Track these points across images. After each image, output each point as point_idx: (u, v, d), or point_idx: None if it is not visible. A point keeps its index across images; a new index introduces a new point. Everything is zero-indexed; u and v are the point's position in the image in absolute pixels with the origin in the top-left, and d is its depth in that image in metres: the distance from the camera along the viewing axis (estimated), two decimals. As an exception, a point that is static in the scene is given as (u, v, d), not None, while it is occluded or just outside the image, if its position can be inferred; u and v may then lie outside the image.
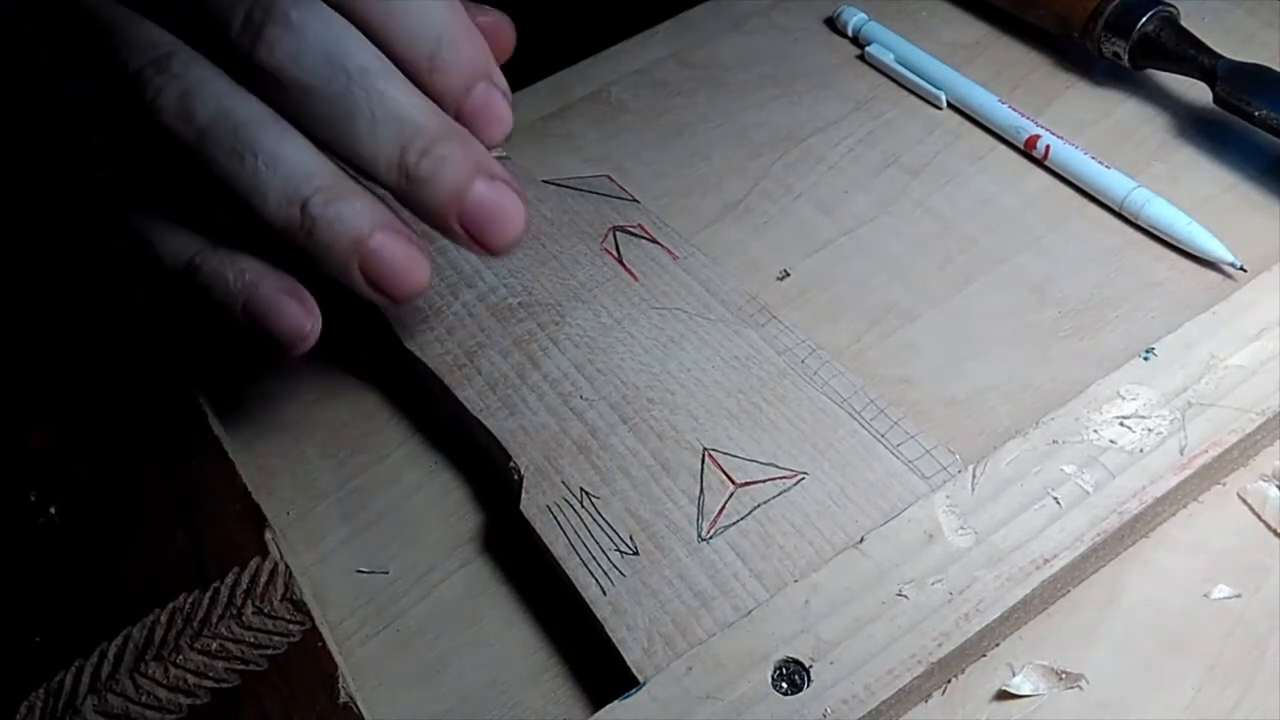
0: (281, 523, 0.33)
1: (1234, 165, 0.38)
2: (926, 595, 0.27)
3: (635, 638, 0.27)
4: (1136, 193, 0.36)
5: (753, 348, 0.34)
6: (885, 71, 0.44)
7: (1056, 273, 0.36)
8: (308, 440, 0.36)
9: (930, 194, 0.40)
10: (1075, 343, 0.34)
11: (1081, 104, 0.42)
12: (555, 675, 0.29)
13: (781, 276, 0.38)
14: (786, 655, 0.26)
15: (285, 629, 0.30)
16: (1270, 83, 0.37)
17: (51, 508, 0.34)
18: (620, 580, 0.29)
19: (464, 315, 0.36)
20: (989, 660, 0.28)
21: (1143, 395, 0.30)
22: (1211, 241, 0.35)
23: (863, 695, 0.25)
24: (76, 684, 0.29)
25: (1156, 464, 0.28)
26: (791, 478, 0.30)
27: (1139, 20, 0.39)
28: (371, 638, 0.31)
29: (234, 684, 0.29)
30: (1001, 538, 0.28)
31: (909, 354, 0.35)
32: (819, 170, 0.41)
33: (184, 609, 0.31)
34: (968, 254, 0.37)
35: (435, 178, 0.27)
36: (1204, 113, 0.40)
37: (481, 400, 0.33)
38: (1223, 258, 0.34)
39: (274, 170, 0.26)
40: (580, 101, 0.46)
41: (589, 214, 0.39)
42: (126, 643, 0.30)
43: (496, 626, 0.30)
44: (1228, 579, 0.28)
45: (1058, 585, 0.28)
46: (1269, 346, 0.30)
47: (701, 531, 0.29)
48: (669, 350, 0.34)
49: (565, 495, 0.31)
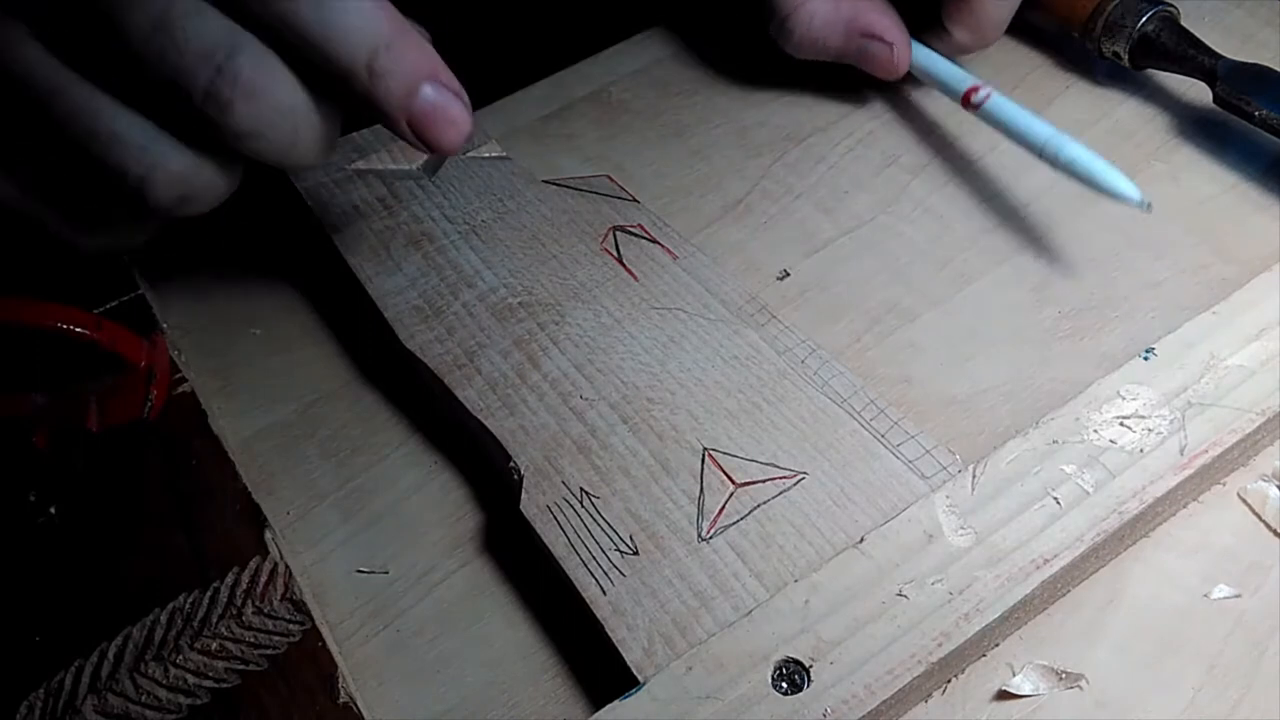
0: (281, 523, 0.33)
1: (1234, 165, 0.38)
2: (926, 595, 0.27)
3: (635, 638, 0.27)
4: (1056, 138, 0.36)
5: (753, 348, 0.34)
6: None
7: (1056, 273, 0.36)
8: (308, 440, 0.36)
9: (930, 194, 0.40)
10: (1075, 343, 0.34)
11: (1081, 104, 0.42)
12: (555, 675, 0.29)
13: (781, 276, 0.38)
14: (786, 655, 0.26)
15: (285, 629, 0.30)
16: (1270, 83, 0.37)
17: (51, 508, 0.34)
18: (620, 580, 0.29)
19: (464, 315, 0.36)
20: (989, 660, 0.28)
21: (1143, 395, 0.30)
22: (1122, 181, 0.34)
23: (863, 695, 0.25)
24: (76, 684, 0.29)
25: (1156, 464, 0.28)
26: (791, 478, 0.30)
27: (1139, 20, 0.39)
28: (371, 638, 0.31)
29: (234, 684, 0.29)
30: (1001, 538, 0.28)
31: (909, 354, 0.35)
32: (819, 170, 0.41)
33: (184, 609, 0.31)
34: (968, 254, 0.37)
35: (386, 80, 0.28)
36: (1204, 113, 0.40)
37: (481, 400, 0.33)
38: (1131, 197, 0.34)
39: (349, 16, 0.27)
40: (580, 101, 0.46)
41: (589, 214, 0.39)
42: (126, 643, 0.30)
43: (496, 626, 0.30)
44: (1228, 579, 0.28)
45: (1058, 585, 0.28)
46: (1269, 346, 0.30)
47: (701, 531, 0.29)
48: (669, 350, 0.34)
49: (565, 495, 0.31)
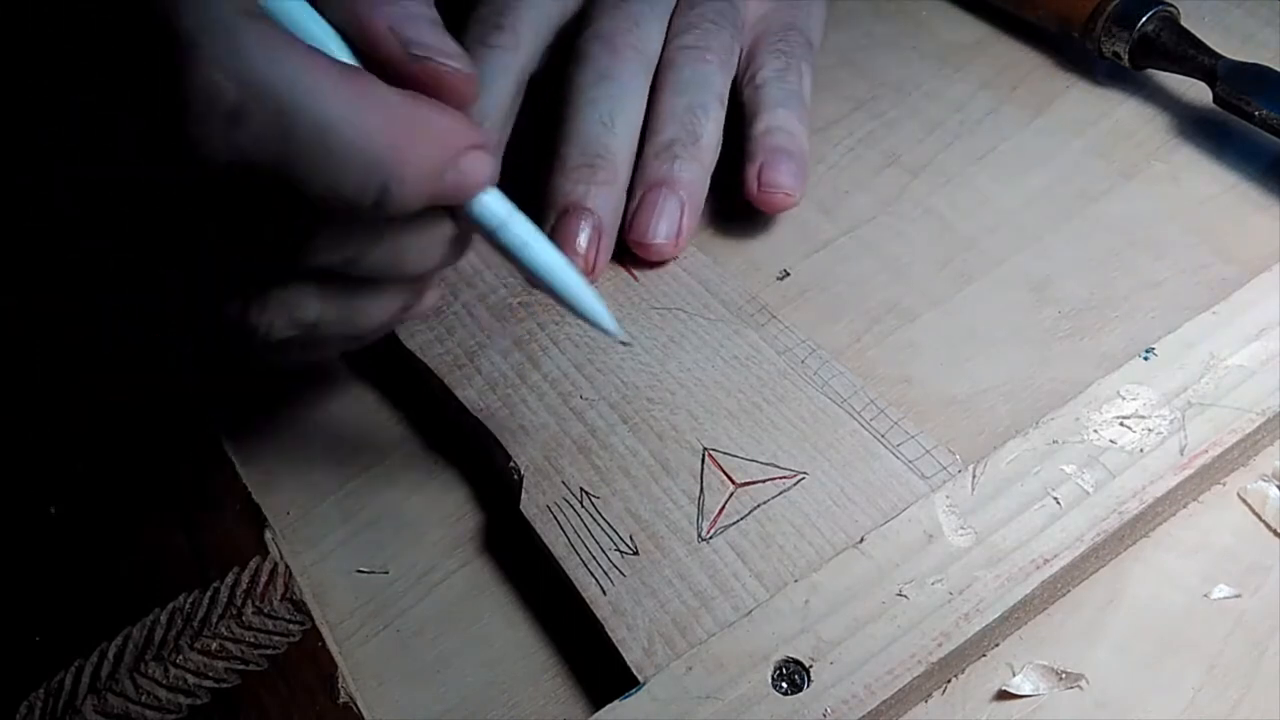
0: (281, 523, 0.33)
1: (1234, 165, 0.38)
2: (926, 595, 0.27)
3: (635, 638, 0.27)
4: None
5: (753, 347, 0.34)
6: None
7: (1056, 273, 0.36)
8: (308, 440, 0.36)
9: (930, 194, 0.40)
10: (1075, 343, 0.34)
11: (1081, 104, 0.42)
12: (555, 675, 0.29)
13: (781, 276, 0.38)
14: (786, 655, 0.26)
15: (285, 629, 0.30)
16: (1270, 83, 0.37)
17: (52, 508, 0.34)
18: (620, 580, 0.29)
19: (464, 315, 0.36)
20: (989, 660, 0.28)
21: (1143, 395, 0.30)
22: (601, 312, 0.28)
23: (863, 695, 0.25)
24: (76, 684, 0.29)
25: (1156, 464, 0.28)
26: (791, 478, 0.30)
27: (1139, 20, 0.39)
28: (371, 638, 0.31)
29: (234, 684, 0.29)
30: (1001, 538, 0.28)
31: (909, 354, 0.35)
32: (819, 170, 0.41)
33: (184, 609, 0.31)
34: (968, 254, 0.37)
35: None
36: (1204, 113, 0.40)
37: (481, 400, 0.33)
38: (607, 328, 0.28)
39: None
40: (580, 101, 0.46)
41: (589, 214, 0.39)
42: (126, 643, 0.30)
43: (496, 626, 0.30)
44: (1228, 579, 0.28)
45: (1058, 585, 0.28)
46: (1269, 346, 0.30)
47: (701, 531, 0.29)
48: (669, 350, 0.34)
49: (565, 495, 0.31)
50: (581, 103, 0.37)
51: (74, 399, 0.38)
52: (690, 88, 0.38)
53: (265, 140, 0.22)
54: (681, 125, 0.37)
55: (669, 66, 0.38)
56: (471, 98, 0.26)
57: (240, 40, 0.22)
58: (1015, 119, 0.42)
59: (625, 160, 0.37)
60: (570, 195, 0.36)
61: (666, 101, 0.38)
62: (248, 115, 0.22)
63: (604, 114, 0.36)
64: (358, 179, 0.23)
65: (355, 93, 0.23)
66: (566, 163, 0.36)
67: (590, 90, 0.37)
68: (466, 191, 0.26)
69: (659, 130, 0.37)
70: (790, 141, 0.38)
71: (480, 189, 0.26)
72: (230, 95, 0.22)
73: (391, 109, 0.24)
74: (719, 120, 0.38)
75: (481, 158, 0.26)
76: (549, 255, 0.27)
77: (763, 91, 0.39)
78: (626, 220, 0.37)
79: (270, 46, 0.23)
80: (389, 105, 0.24)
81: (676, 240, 0.36)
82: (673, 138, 0.37)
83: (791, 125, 0.38)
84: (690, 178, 0.37)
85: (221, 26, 0.22)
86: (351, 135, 0.23)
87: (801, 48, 0.41)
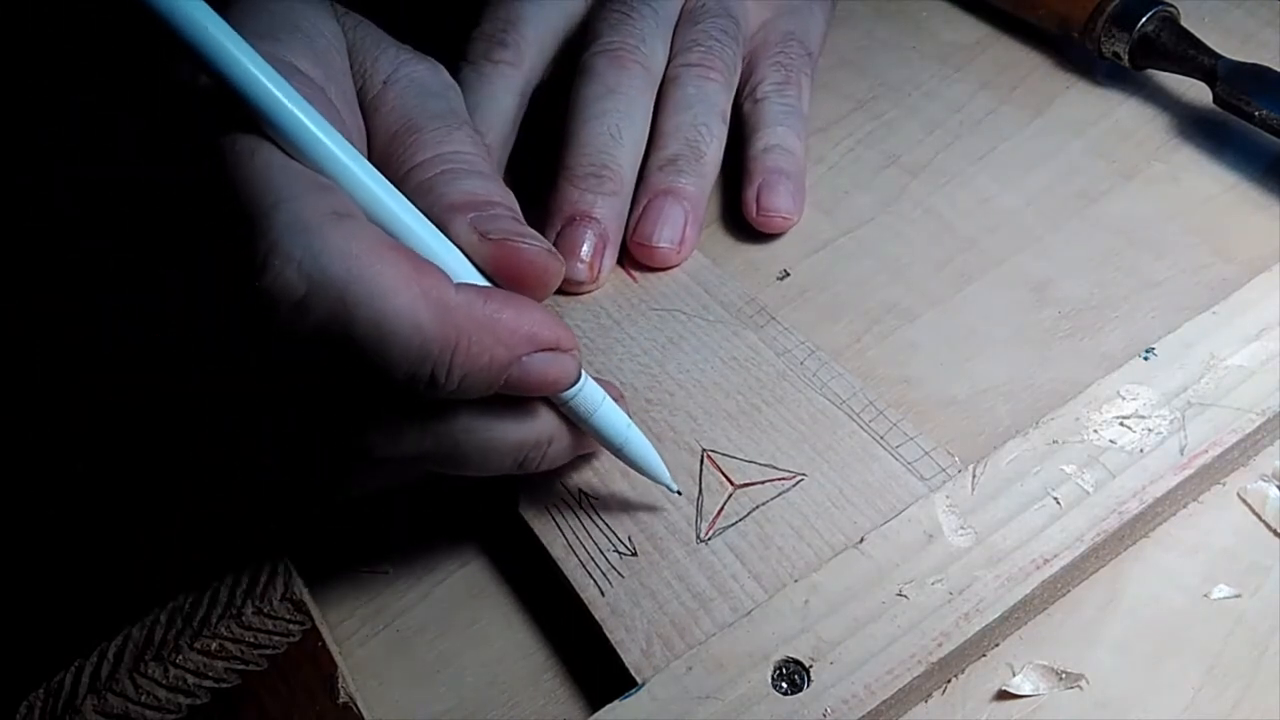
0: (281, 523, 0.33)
1: (1234, 165, 0.38)
2: (926, 595, 0.27)
3: (634, 639, 0.27)
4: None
5: (751, 349, 0.34)
6: None
7: (1056, 273, 0.36)
8: (308, 440, 0.36)
9: (930, 194, 0.40)
10: (1075, 343, 0.34)
11: (1081, 104, 0.42)
12: (555, 675, 0.29)
13: (781, 276, 0.38)
14: (786, 655, 0.26)
15: (285, 629, 0.30)
16: (1270, 83, 0.37)
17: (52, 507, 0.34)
18: (619, 581, 0.29)
19: (464, 315, 0.36)
20: (989, 660, 0.28)
21: (1143, 395, 0.30)
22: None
23: (863, 695, 0.25)
24: (76, 684, 0.29)
25: (1156, 464, 0.28)
26: (790, 479, 0.30)
27: (1139, 20, 0.39)
28: (371, 638, 0.31)
29: (234, 684, 0.29)
30: (1001, 538, 0.28)
31: (909, 354, 0.35)
32: (819, 170, 0.41)
33: (184, 609, 0.31)
34: (968, 254, 0.37)
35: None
36: (1204, 113, 0.40)
37: (481, 400, 0.33)
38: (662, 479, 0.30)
39: None
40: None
41: (589, 214, 0.39)
42: (126, 643, 0.30)
43: (496, 626, 0.30)
44: (1228, 579, 0.28)
45: (1058, 585, 0.28)
46: (1269, 346, 0.30)
47: (700, 533, 0.29)
48: (668, 351, 0.34)
49: (564, 496, 0.31)
50: (589, 115, 0.37)
51: (74, 399, 0.38)
52: (694, 105, 0.38)
53: (330, 327, 0.24)
54: (685, 142, 0.38)
55: (674, 83, 0.39)
56: (554, 275, 0.27)
57: (321, 245, 0.23)
58: (1015, 119, 0.42)
59: (630, 173, 0.37)
60: (577, 204, 0.36)
61: (671, 118, 0.38)
62: (311, 308, 0.23)
63: (611, 127, 0.37)
64: (408, 368, 0.24)
65: (419, 291, 0.24)
66: (573, 172, 0.37)
67: (597, 104, 0.37)
68: (535, 387, 0.26)
69: (663, 145, 0.38)
70: (789, 161, 0.39)
71: (555, 388, 0.27)
72: (300, 291, 0.23)
73: (449, 308, 0.24)
74: (721, 138, 0.39)
75: (550, 359, 0.26)
76: (618, 420, 0.29)
77: (762, 106, 0.40)
78: (631, 226, 0.37)
79: (345, 253, 0.23)
80: (445, 303, 0.24)
81: (679, 247, 0.37)
82: (677, 153, 0.38)
83: (790, 143, 0.39)
84: (694, 190, 0.37)
85: (303, 229, 0.23)
86: (405, 331, 0.24)
87: (801, 59, 0.41)
